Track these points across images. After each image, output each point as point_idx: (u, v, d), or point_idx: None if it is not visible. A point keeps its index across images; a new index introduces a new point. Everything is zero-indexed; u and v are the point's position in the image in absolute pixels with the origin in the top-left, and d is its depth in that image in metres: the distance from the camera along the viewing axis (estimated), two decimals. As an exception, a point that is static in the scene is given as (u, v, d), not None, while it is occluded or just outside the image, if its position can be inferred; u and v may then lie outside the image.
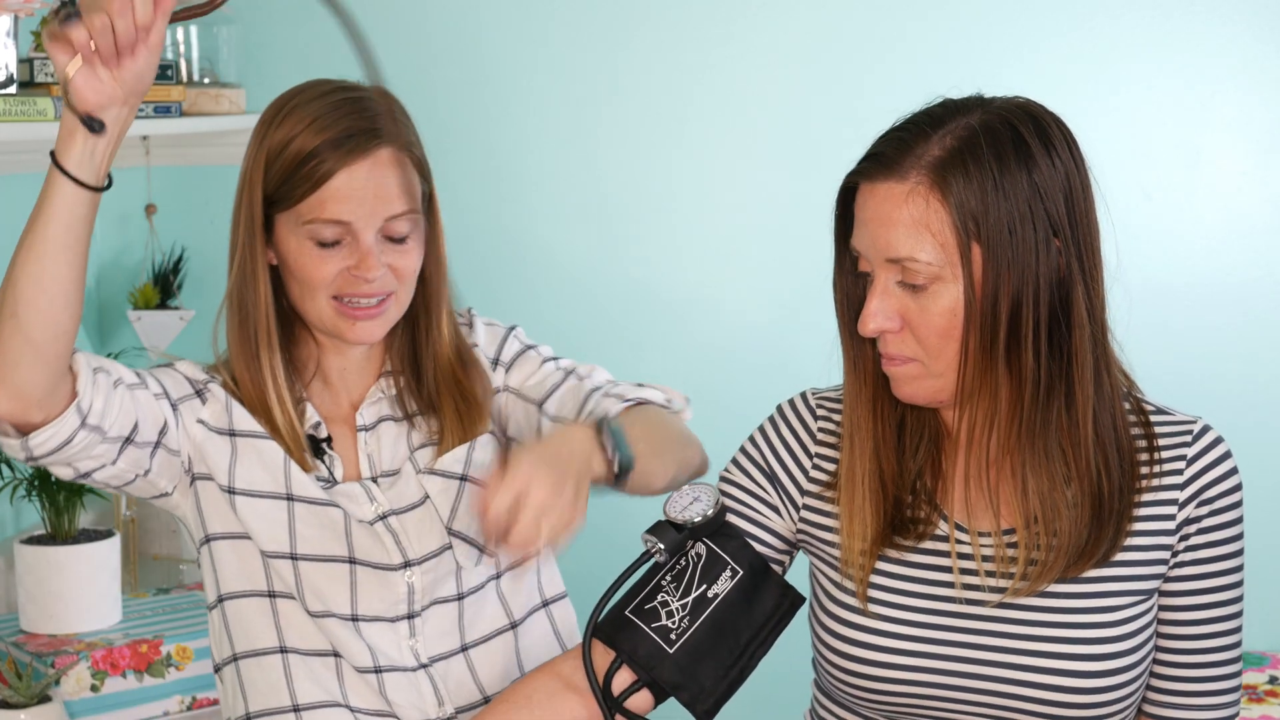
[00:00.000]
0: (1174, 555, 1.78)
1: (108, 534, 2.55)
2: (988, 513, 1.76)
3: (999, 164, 1.68)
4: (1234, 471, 1.80)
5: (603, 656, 1.80)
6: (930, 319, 1.70)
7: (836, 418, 1.86)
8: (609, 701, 1.79)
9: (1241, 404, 2.94)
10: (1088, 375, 1.71)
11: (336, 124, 1.89)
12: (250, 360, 1.94)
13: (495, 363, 2.05)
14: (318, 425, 1.97)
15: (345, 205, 1.88)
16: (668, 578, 1.81)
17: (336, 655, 1.92)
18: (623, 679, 1.80)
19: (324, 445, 1.97)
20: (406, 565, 1.95)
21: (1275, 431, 2.96)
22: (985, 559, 1.76)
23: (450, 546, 1.97)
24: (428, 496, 1.98)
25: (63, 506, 2.50)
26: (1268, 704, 2.73)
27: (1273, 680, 2.82)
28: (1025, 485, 1.73)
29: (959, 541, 1.78)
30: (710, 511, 1.80)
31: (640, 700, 1.80)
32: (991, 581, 1.76)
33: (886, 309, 1.72)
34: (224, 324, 1.97)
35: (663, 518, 1.81)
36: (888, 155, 1.70)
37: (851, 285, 1.78)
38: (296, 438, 1.94)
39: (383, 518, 1.95)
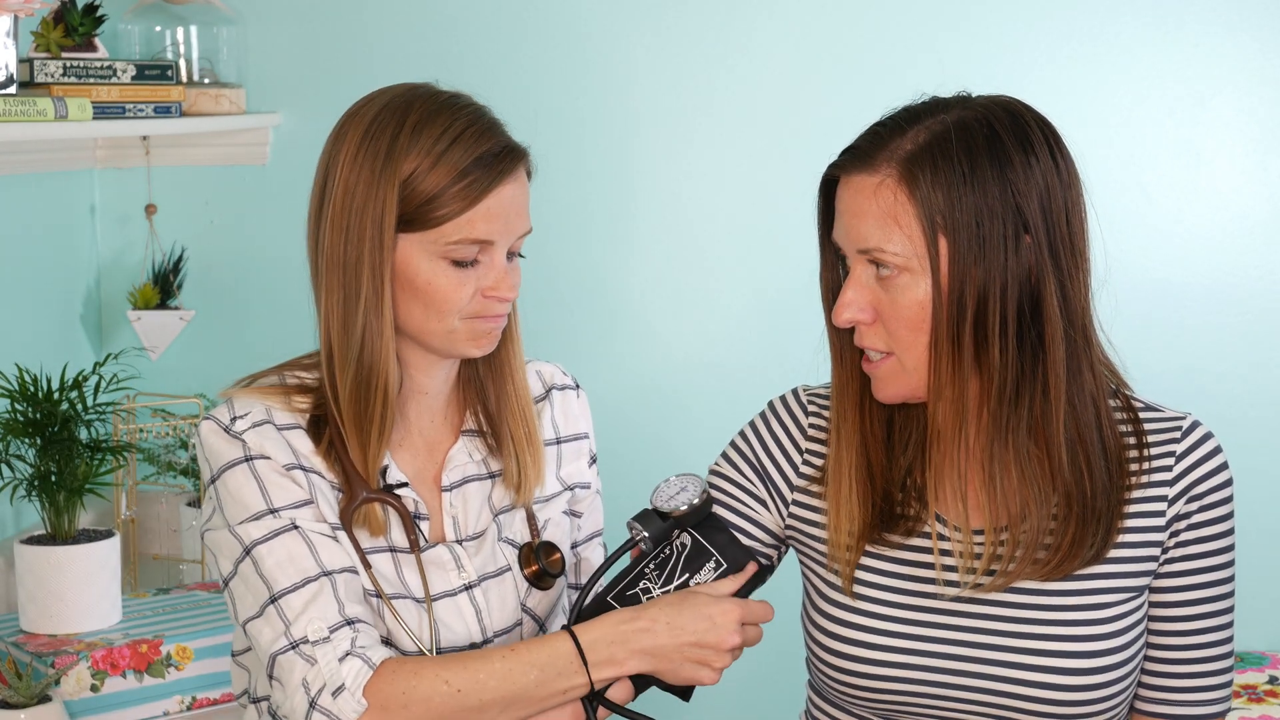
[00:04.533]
0: (1164, 552, 1.78)
1: (108, 534, 2.54)
2: (964, 509, 1.76)
3: (969, 160, 1.69)
4: (1224, 467, 1.80)
5: None
6: (900, 311, 1.71)
7: (827, 414, 1.86)
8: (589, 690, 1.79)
9: (1241, 403, 2.94)
10: (1060, 372, 1.71)
11: (481, 141, 1.83)
12: (367, 420, 1.86)
13: (558, 442, 2.03)
14: (403, 486, 1.91)
15: (494, 224, 1.83)
16: (651, 565, 1.81)
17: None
18: None
19: (416, 512, 1.91)
20: (485, 642, 1.92)
21: (1275, 430, 2.96)
22: (962, 555, 1.77)
23: (520, 623, 1.95)
24: (509, 567, 1.95)
25: (63, 506, 2.50)
26: (1268, 704, 2.73)
27: (1273, 680, 2.82)
28: (996, 482, 1.74)
29: (942, 538, 1.78)
30: (695, 500, 1.80)
31: (620, 690, 1.80)
32: (972, 579, 1.77)
33: (860, 300, 1.73)
34: (326, 373, 1.87)
35: (649, 506, 1.82)
36: (862, 148, 1.73)
37: (836, 279, 1.79)
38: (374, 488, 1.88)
39: (468, 587, 1.92)
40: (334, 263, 1.84)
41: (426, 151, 1.82)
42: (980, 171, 1.69)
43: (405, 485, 1.90)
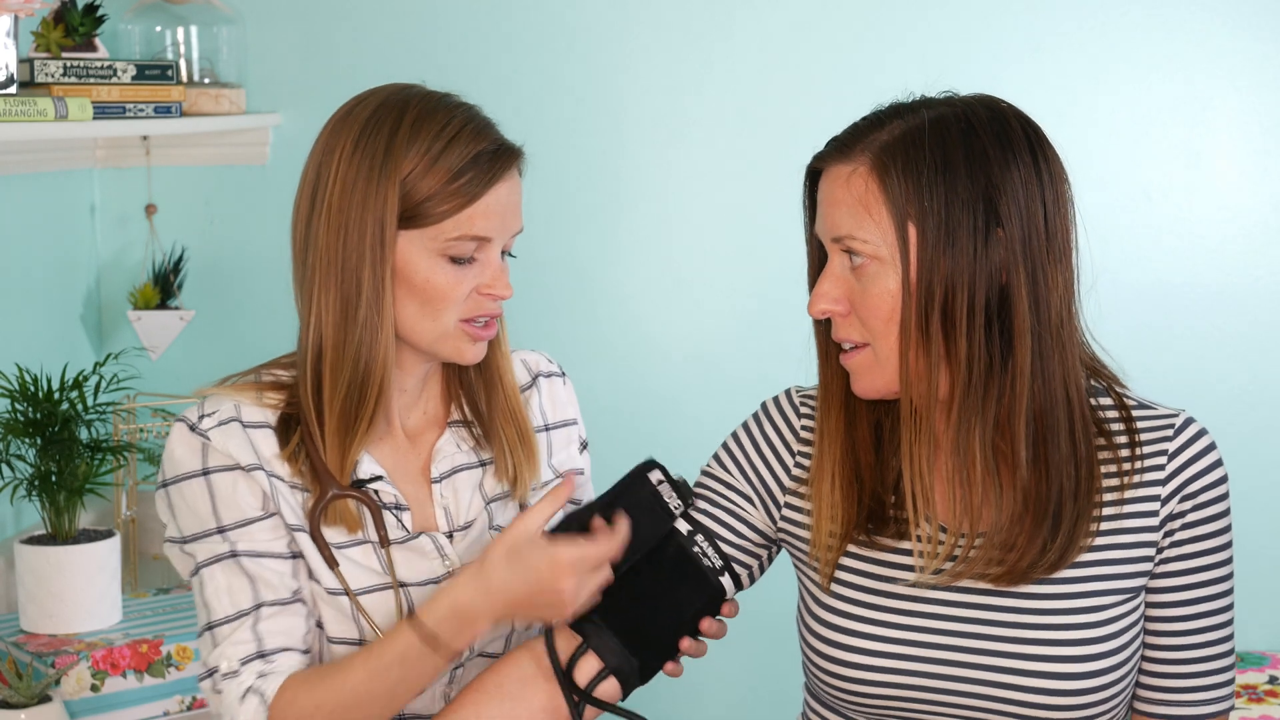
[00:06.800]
0: (1159, 552, 1.78)
1: (108, 534, 2.55)
2: (934, 506, 1.76)
3: (942, 151, 1.70)
4: (1218, 464, 1.79)
5: (570, 641, 1.82)
6: (870, 301, 1.72)
7: (820, 415, 1.86)
8: (569, 686, 1.79)
9: (1241, 404, 2.94)
10: (1025, 369, 1.71)
11: (478, 139, 1.84)
12: (355, 419, 1.85)
13: (547, 429, 2.03)
14: (377, 479, 1.90)
15: (492, 221, 1.85)
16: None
17: None
18: (589, 667, 1.81)
19: (396, 503, 1.90)
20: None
21: (1275, 431, 2.96)
22: (929, 555, 1.76)
23: None
24: None
25: (63, 506, 2.50)
26: (1268, 704, 2.73)
27: (1273, 680, 2.82)
28: (963, 476, 1.73)
29: (927, 539, 1.78)
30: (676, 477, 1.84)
31: (608, 688, 1.80)
32: (959, 582, 1.76)
33: (834, 291, 1.74)
34: (309, 373, 1.85)
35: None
36: (842, 140, 1.75)
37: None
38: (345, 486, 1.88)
39: (452, 574, 1.90)
40: (330, 261, 1.84)
41: (425, 149, 1.83)
42: (952, 164, 1.69)
43: (380, 479, 1.89)
